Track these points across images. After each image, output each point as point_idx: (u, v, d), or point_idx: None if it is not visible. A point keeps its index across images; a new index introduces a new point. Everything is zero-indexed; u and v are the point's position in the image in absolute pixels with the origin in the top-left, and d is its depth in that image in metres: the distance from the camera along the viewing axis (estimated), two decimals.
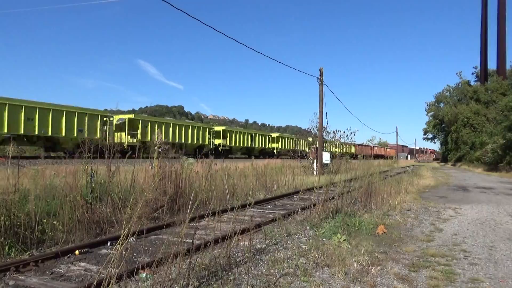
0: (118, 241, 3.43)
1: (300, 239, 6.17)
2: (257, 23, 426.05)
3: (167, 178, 8.47)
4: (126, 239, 3.44)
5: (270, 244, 5.80)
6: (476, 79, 68.46)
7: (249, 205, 6.13)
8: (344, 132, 26.83)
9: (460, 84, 66.61)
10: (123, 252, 3.46)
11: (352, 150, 51.32)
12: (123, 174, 8.33)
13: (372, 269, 4.62)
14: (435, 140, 73.31)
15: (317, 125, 24.40)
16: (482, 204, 11.06)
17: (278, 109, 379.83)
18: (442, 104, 67.57)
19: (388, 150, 77.02)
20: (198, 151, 26.86)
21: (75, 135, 23.08)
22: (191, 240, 4.24)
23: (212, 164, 10.30)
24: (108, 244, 5.70)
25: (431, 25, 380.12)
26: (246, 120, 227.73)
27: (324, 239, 6.08)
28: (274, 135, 48.56)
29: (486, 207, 10.55)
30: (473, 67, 71.86)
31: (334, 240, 5.88)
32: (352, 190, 9.51)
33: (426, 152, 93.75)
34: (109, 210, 7.03)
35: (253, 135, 43.16)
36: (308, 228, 6.93)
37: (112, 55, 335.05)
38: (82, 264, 4.87)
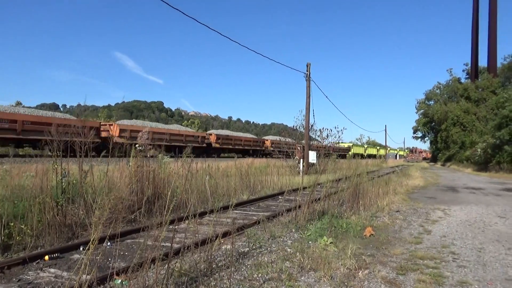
0: (88, 245, 3.37)
1: (285, 242, 6.20)
2: (242, 16, 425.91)
3: (145, 178, 8.39)
4: (100, 243, 3.39)
5: (254, 247, 5.81)
6: (467, 76, 70.02)
7: (232, 206, 6.13)
8: (331, 131, 27.02)
9: (450, 81, 68.01)
10: (96, 257, 3.41)
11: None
12: (97, 174, 8.20)
13: (359, 273, 4.68)
14: (425, 139, 74.66)
15: (304, 123, 24.54)
16: (471, 205, 11.32)
17: (263, 106, 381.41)
18: (432, 102, 68.85)
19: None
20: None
21: None
22: (170, 244, 4.21)
23: (192, 163, 10.23)
24: (81, 248, 5.61)
25: (422, 21, 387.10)
26: (230, 117, 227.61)
27: (310, 242, 6.12)
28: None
29: (476, 208, 10.80)
30: (464, 64, 73.50)
31: (320, 243, 5.93)
32: (339, 190, 9.60)
33: (415, 151, 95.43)
34: (82, 212, 6.92)
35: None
36: (293, 230, 6.96)
37: (87, 46, 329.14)
38: (52, 270, 4.78)
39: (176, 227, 7.03)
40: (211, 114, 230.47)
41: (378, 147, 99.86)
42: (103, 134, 27.52)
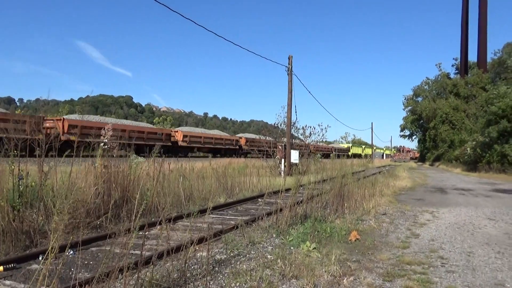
0: (46, 254, 3.29)
1: (265, 248, 6.22)
2: (218, 5, 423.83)
3: (113, 180, 8.26)
4: (61, 251, 3.31)
5: (232, 254, 5.80)
6: (456, 71, 71.91)
7: (208, 210, 6.11)
8: (314, 129, 27.21)
9: (439, 76, 69.67)
10: (57, 267, 3.34)
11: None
12: (59, 175, 8.02)
13: (344, 280, 4.74)
14: (413, 137, 76.20)
15: (285, 120, 24.67)
16: (460, 207, 11.64)
17: (242, 102, 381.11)
18: (420, 98, 70.34)
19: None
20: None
21: None
22: (139, 252, 4.16)
23: (164, 163, 10.15)
24: (40, 258, 5.48)
25: (410, 14, 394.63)
26: (205, 114, 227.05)
27: (292, 248, 6.16)
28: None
29: (465, 210, 11.11)
30: (453, 59, 75.40)
31: (303, 248, 5.98)
32: (323, 192, 9.70)
33: (403, 150, 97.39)
34: (41, 217, 6.76)
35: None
36: (274, 235, 6.99)
37: (45, 34, 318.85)
38: (7, 282, 4.65)
39: (146, 233, 6.95)
40: (185, 110, 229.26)
41: (364, 146, 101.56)
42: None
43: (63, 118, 29.72)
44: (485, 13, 57.73)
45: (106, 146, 8.68)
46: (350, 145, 77.62)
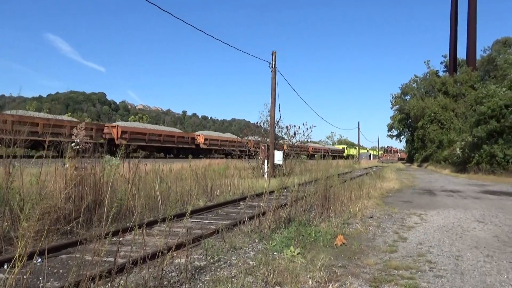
0: (12, 262, 3.23)
1: (247, 253, 6.23)
2: None
3: (85, 182, 8.16)
4: (29, 259, 3.26)
5: (212, 260, 5.79)
6: (445, 69, 73.30)
7: (187, 214, 6.08)
8: (299, 128, 27.33)
9: (428, 74, 70.86)
10: (24, 277, 3.28)
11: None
12: (27, 178, 7.88)
13: (330, 286, 4.78)
14: (401, 137, 77.29)
15: (268, 119, 24.72)
16: (449, 209, 11.86)
17: (224, 100, 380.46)
18: (408, 97, 71.41)
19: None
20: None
21: None
22: (113, 259, 4.12)
23: (140, 164, 10.06)
24: (5, 266, 5.37)
25: (398, 10, 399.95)
26: (184, 112, 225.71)
27: (275, 253, 6.19)
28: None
29: (453, 212, 11.33)
30: (442, 56, 76.88)
31: (287, 254, 6.01)
32: (308, 195, 9.76)
33: (390, 151, 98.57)
34: (6, 223, 6.62)
35: None
36: (256, 240, 7.01)
37: (9, 25, 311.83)
38: None
39: (121, 239, 6.87)
40: (163, 108, 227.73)
41: (345, 146, 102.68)
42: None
43: (117, 125, 35.06)
44: (475, 9, 58.93)
45: (77, 147, 8.56)
46: (345, 146, 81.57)
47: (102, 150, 11.72)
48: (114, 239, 6.82)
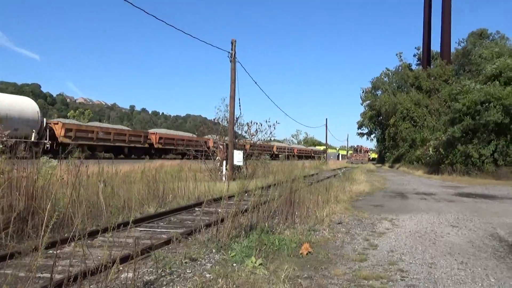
0: None
1: (204, 265, 6.20)
2: None
3: (15, 187, 7.88)
4: None
5: (163, 274, 5.73)
6: (418, 62, 75.45)
7: (135, 222, 5.99)
8: (261, 125, 27.38)
9: (400, 67, 72.67)
10: None
11: None
12: None
13: None
14: (372, 136, 78.86)
15: (227, 115, 24.65)
16: (422, 214, 12.26)
17: (177, 94, 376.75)
18: (379, 92, 72.95)
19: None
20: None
21: None
22: (49, 275, 4.00)
23: (82, 166, 9.81)
24: None
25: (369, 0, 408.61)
26: (132, 107, 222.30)
27: (235, 264, 6.19)
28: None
29: (426, 216, 11.72)
30: (415, 48, 79.08)
31: (247, 265, 6.02)
32: (271, 199, 9.82)
33: (360, 150, 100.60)
34: None
35: None
36: (214, 251, 6.99)
37: None
38: None
39: (58, 251, 6.69)
40: (107, 102, 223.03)
41: (337, 148, 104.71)
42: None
43: (156, 132, 48.07)
44: None
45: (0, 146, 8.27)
46: (325, 147, 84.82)
47: (38, 150, 11.35)
48: (51, 252, 6.64)
